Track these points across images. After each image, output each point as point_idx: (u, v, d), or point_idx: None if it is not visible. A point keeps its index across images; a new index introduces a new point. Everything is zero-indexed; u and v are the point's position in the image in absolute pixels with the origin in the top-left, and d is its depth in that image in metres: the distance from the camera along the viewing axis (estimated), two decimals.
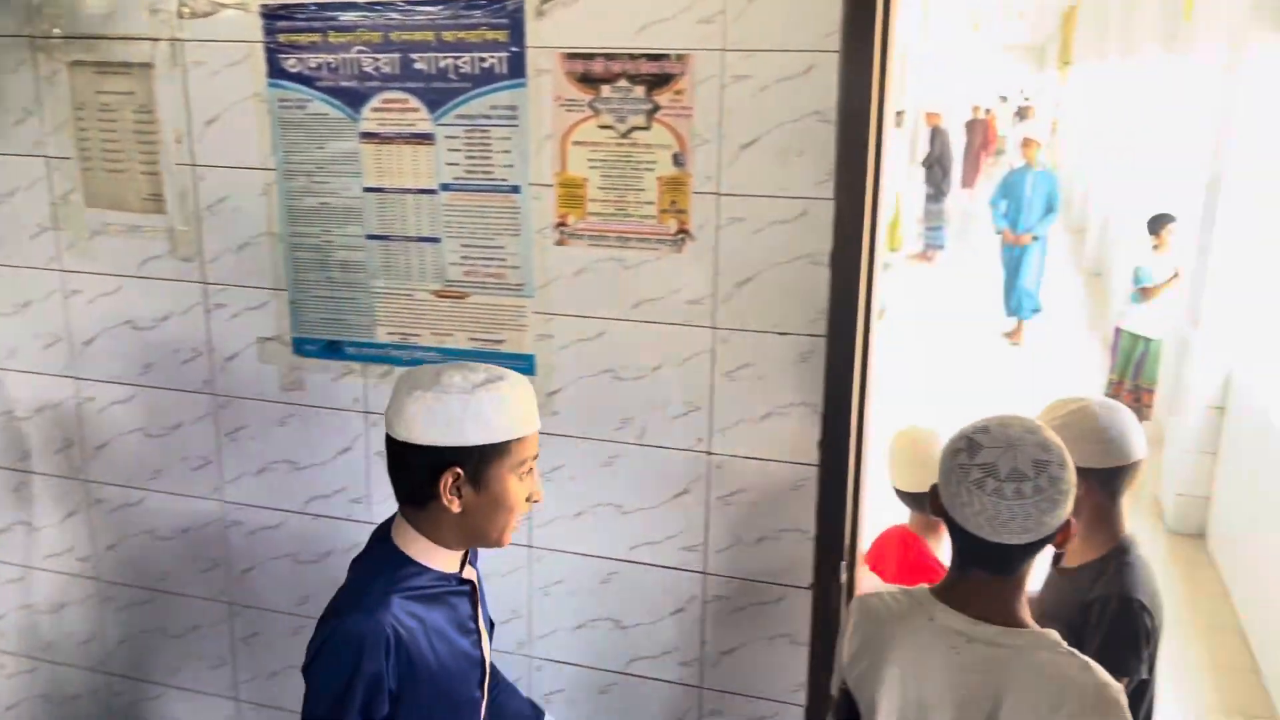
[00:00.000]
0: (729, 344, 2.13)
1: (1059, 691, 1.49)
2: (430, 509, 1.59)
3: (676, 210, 2.09)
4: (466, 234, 2.22)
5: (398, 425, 1.56)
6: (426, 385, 1.55)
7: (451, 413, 1.52)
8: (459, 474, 1.54)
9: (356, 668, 1.52)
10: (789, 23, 1.95)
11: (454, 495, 1.56)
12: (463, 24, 2.10)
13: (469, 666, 1.68)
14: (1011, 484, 1.48)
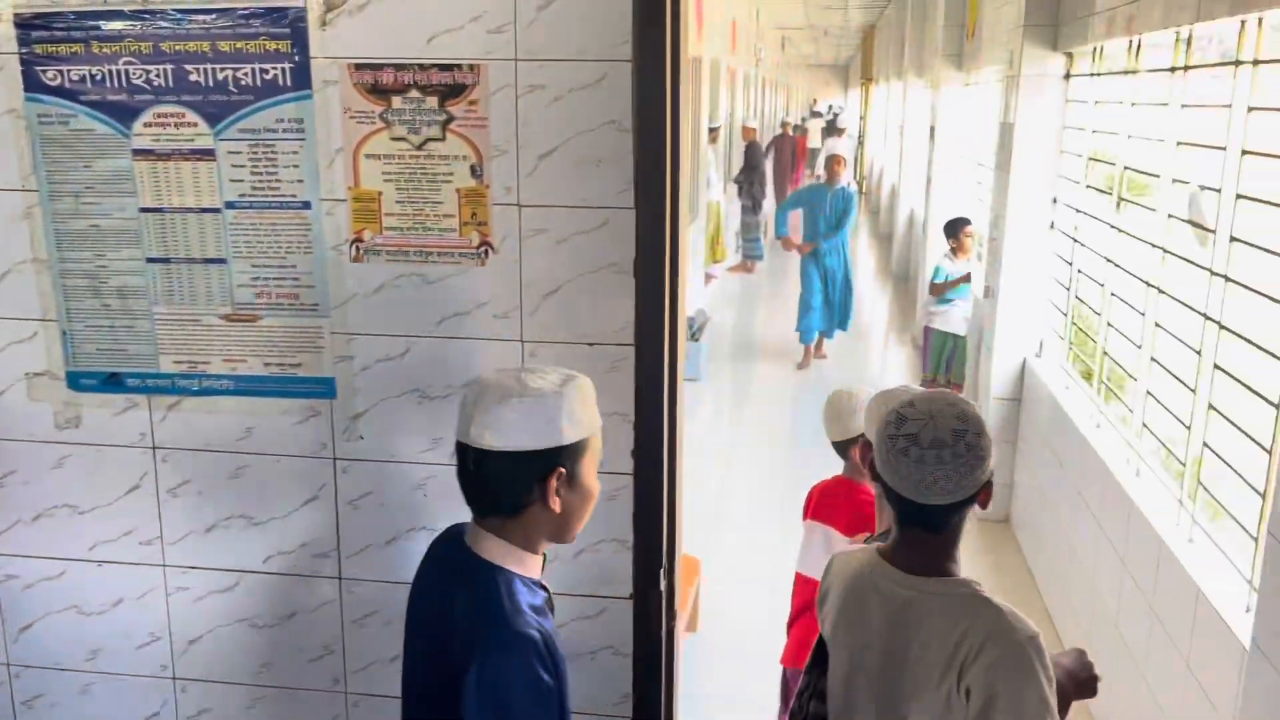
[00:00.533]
0: (538, 357, 2.10)
1: (962, 626, 1.64)
2: (526, 515, 1.58)
3: (477, 223, 2.05)
4: (256, 253, 2.11)
5: (493, 436, 1.54)
6: (516, 391, 1.54)
7: (550, 413, 1.53)
8: (562, 473, 1.56)
9: (539, 690, 1.49)
10: (580, 32, 1.95)
11: (557, 496, 1.56)
12: (241, 34, 2.00)
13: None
14: (933, 451, 1.64)
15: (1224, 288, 3.39)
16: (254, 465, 2.22)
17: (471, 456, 1.57)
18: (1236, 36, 3.36)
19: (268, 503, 2.23)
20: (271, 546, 2.25)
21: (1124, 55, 4.60)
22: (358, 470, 2.19)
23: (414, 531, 2.20)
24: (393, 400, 2.15)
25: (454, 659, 1.51)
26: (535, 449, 1.54)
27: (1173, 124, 3.95)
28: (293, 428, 2.19)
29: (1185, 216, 3.73)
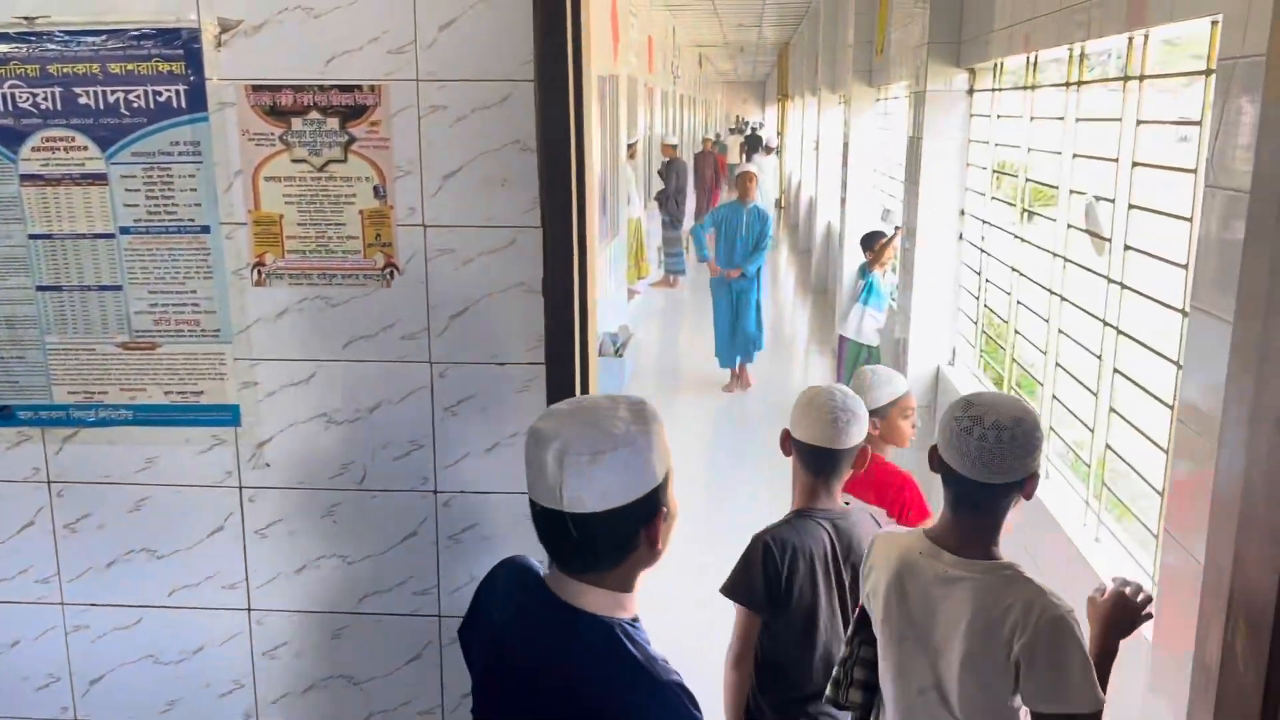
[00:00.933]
0: (447, 378, 2.08)
1: (1006, 602, 1.85)
2: (629, 561, 1.45)
3: (382, 244, 2.03)
4: (154, 279, 2.05)
5: (593, 500, 1.38)
6: (606, 445, 1.38)
7: (643, 456, 1.40)
8: (665, 511, 1.45)
9: None
10: (482, 52, 1.95)
11: (658, 533, 1.45)
12: (132, 55, 1.95)
13: None
14: (994, 431, 1.86)
15: (1120, 294, 3.52)
16: (156, 497, 2.15)
17: (570, 523, 1.39)
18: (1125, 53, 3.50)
19: (171, 535, 2.17)
20: (176, 580, 2.19)
21: (1023, 71, 4.75)
22: (265, 498, 2.14)
23: (324, 559, 2.16)
24: (300, 426, 2.11)
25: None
26: (637, 498, 1.40)
27: (1069, 137, 4.09)
28: (196, 457, 2.14)
29: (1083, 226, 3.86)
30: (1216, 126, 2.18)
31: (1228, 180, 2.13)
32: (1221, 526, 1.94)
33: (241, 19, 1.95)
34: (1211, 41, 2.82)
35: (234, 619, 2.20)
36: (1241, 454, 1.86)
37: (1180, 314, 2.96)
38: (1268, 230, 1.80)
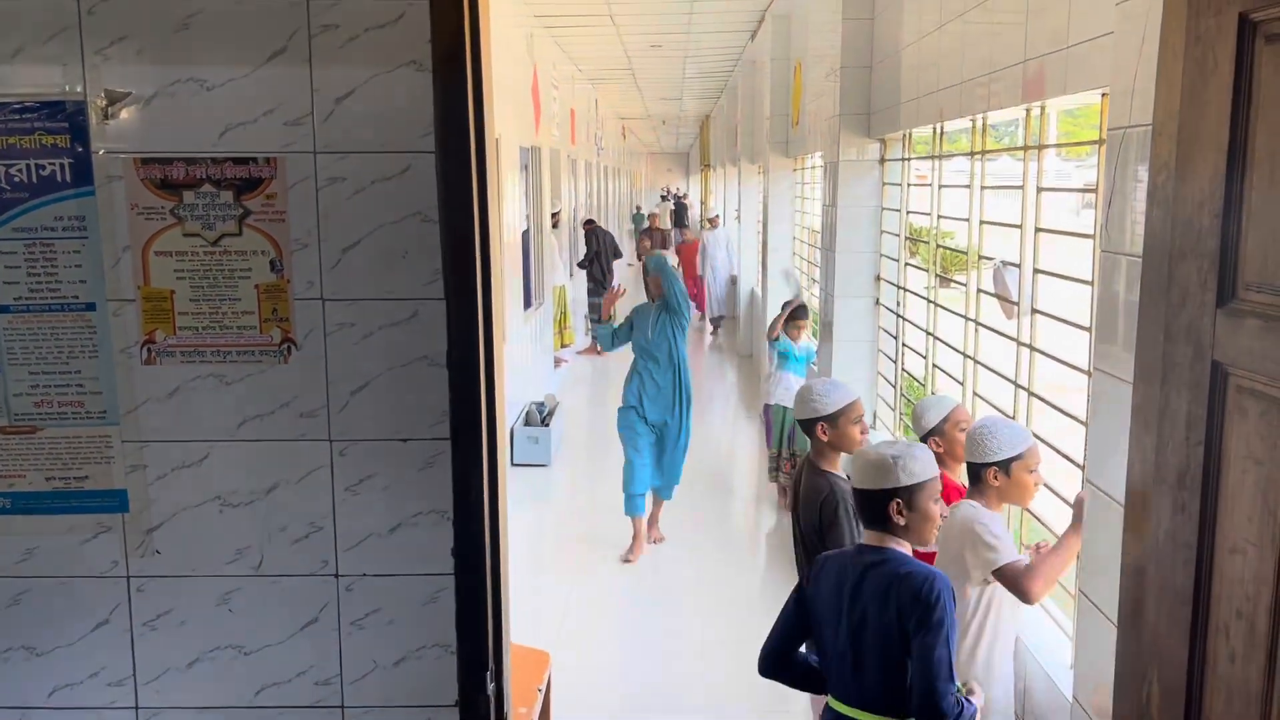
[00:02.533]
0: (348, 456, 2.01)
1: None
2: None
3: (279, 319, 1.96)
4: (34, 359, 1.96)
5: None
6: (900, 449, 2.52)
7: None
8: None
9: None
10: (381, 124, 1.92)
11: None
12: (13, 129, 1.88)
13: None
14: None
15: (1031, 357, 3.58)
16: (35, 590, 2.03)
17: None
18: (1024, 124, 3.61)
19: (52, 630, 2.04)
20: (57, 678, 2.05)
21: (931, 140, 4.89)
22: (154, 588, 2.03)
23: (219, 651, 2.04)
24: (192, 510, 2.01)
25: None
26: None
27: (976, 204, 4.20)
28: (80, 546, 2.02)
29: (991, 291, 3.94)
30: (1109, 194, 2.24)
31: (1121, 245, 2.18)
32: (1132, 587, 1.95)
33: (131, 91, 1.90)
34: (1103, 112, 2.93)
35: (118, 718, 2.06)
36: (1148, 515, 1.88)
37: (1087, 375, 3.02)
38: (1159, 293, 1.84)
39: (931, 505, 2.51)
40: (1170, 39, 1.83)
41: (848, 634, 2.45)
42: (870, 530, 2.53)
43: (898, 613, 2.36)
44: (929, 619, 2.32)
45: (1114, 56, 2.25)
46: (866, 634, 2.41)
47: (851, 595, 2.45)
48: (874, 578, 2.42)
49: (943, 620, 2.32)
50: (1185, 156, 1.77)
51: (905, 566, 2.42)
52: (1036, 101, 3.38)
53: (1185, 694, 1.77)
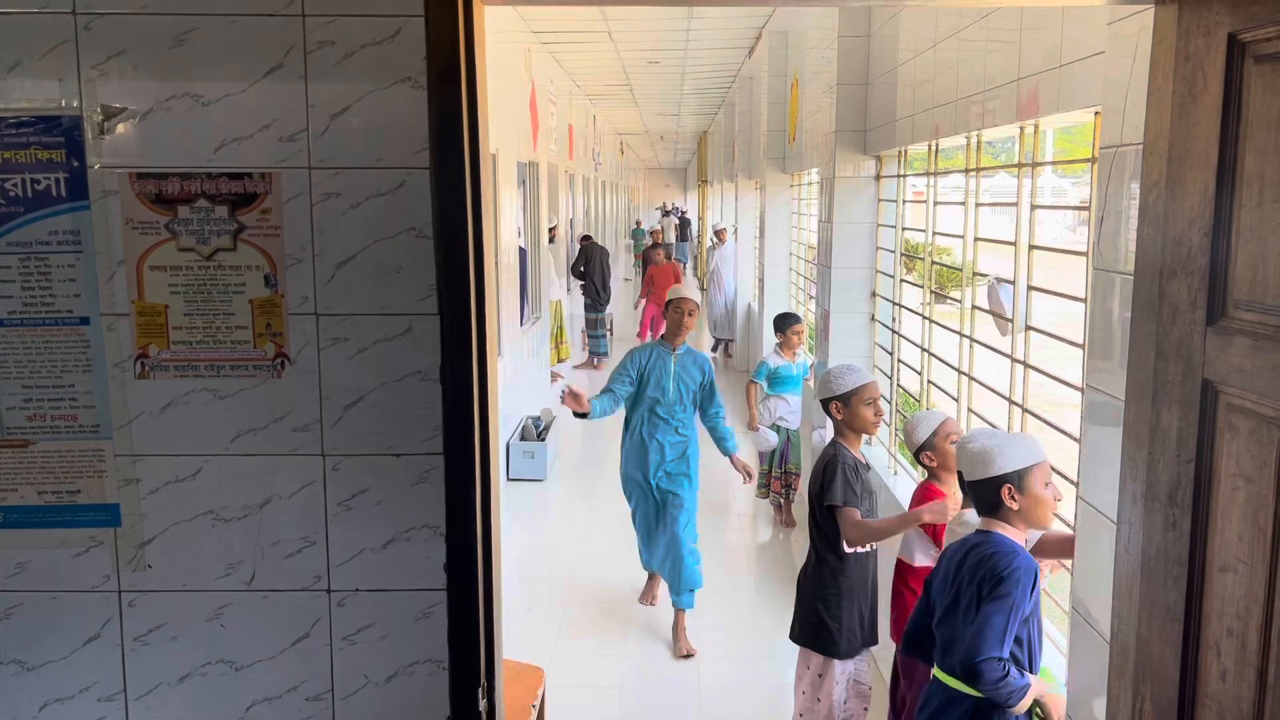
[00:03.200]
0: (341, 470, 2.01)
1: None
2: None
3: (272, 334, 1.97)
4: (28, 374, 1.96)
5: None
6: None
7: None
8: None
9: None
10: (376, 140, 1.93)
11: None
12: (10, 143, 1.89)
13: None
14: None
15: (1025, 374, 3.59)
16: (27, 604, 2.02)
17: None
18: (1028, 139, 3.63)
19: (43, 645, 2.03)
20: (48, 693, 2.05)
21: (927, 157, 4.91)
22: (146, 602, 2.02)
23: (210, 666, 2.04)
24: (184, 524, 2.01)
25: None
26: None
27: (971, 221, 4.21)
28: (71, 560, 2.02)
29: (986, 307, 3.95)
30: (1101, 212, 2.25)
31: (1114, 263, 2.19)
32: (1123, 604, 1.95)
33: (126, 106, 1.90)
34: (1095, 131, 2.94)
35: None
36: (1138, 531, 1.88)
37: (1080, 392, 3.02)
38: (1150, 311, 1.85)
39: (1042, 489, 2.72)
40: (1160, 58, 1.84)
41: (948, 610, 2.70)
42: (983, 517, 2.77)
43: (979, 584, 2.61)
44: (998, 588, 2.57)
45: (1105, 75, 2.26)
46: (958, 611, 2.65)
47: (955, 572, 2.71)
48: (973, 556, 2.68)
49: (1010, 593, 2.56)
50: (1175, 175, 1.78)
51: (998, 546, 2.66)
52: (1030, 120, 3.40)
53: (1177, 711, 1.77)
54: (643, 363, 5.06)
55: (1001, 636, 2.54)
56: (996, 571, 2.58)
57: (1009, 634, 2.56)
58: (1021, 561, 2.61)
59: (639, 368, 5.04)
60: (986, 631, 2.54)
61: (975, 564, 2.66)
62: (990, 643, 2.53)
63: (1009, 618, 2.55)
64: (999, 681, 2.54)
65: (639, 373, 5.04)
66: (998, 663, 2.53)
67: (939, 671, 2.76)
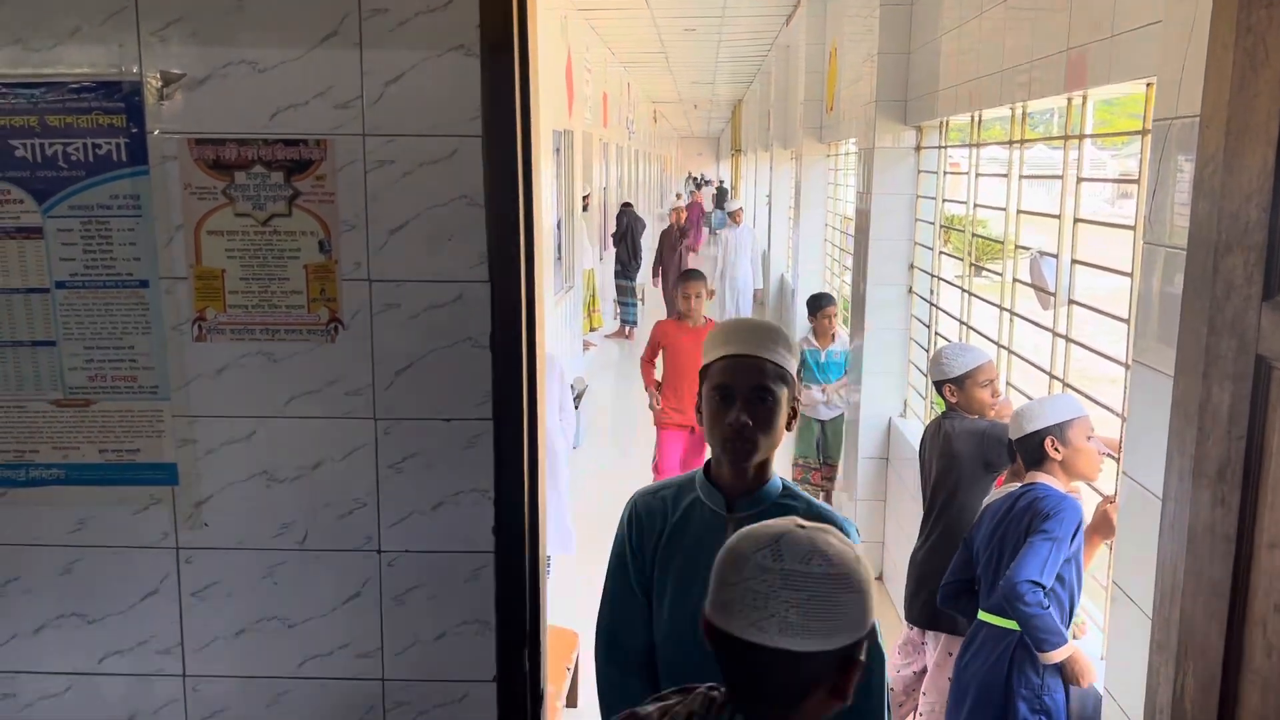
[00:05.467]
0: (392, 434, 2.04)
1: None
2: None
3: (326, 299, 2.00)
4: (89, 335, 2.00)
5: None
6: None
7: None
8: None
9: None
10: (429, 108, 1.94)
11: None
12: (71, 108, 1.92)
13: None
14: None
15: (1066, 348, 3.57)
16: (88, 559, 2.08)
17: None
18: (1065, 112, 3.59)
19: (104, 599, 2.10)
20: (108, 645, 2.11)
21: (969, 128, 4.86)
22: (202, 559, 2.08)
23: (264, 622, 2.09)
24: (240, 484, 2.06)
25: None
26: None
27: (1013, 193, 4.17)
28: (131, 517, 2.07)
29: (1027, 280, 3.92)
30: (1153, 185, 2.23)
31: (1165, 237, 2.17)
32: (1167, 580, 1.95)
33: (185, 72, 1.93)
34: (1147, 102, 2.90)
35: (168, 686, 2.12)
36: (1185, 508, 1.88)
37: (1124, 368, 3.00)
38: (1204, 286, 1.84)
39: (1084, 441, 2.89)
40: (1220, 30, 1.82)
41: (995, 554, 2.88)
42: (1029, 471, 2.93)
43: (1027, 526, 2.77)
44: (1044, 525, 2.74)
45: (1161, 46, 2.23)
46: (1006, 551, 2.83)
47: (1000, 521, 2.90)
48: (1020, 503, 2.85)
49: (1054, 530, 2.72)
50: (1233, 149, 1.76)
51: (1045, 492, 2.84)
52: (1078, 91, 3.35)
53: (1220, 686, 1.78)
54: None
55: (1043, 565, 2.68)
56: (1044, 510, 2.76)
57: (1051, 565, 2.71)
58: (1069, 504, 2.77)
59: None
60: (1031, 557, 2.70)
61: (1023, 509, 2.81)
62: (1033, 567, 2.68)
63: (1053, 550, 2.71)
64: (1037, 608, 2.67)
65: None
66: (1039, 588, 2.66)
67: (983, 612, 2.92)
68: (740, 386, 1.89)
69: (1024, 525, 2.82)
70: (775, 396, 1.89)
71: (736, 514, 1.92)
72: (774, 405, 1.89)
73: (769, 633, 1.26)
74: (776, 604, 1.26)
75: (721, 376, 1.91)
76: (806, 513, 1.79)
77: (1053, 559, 2.72)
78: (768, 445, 1.91)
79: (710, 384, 1.93)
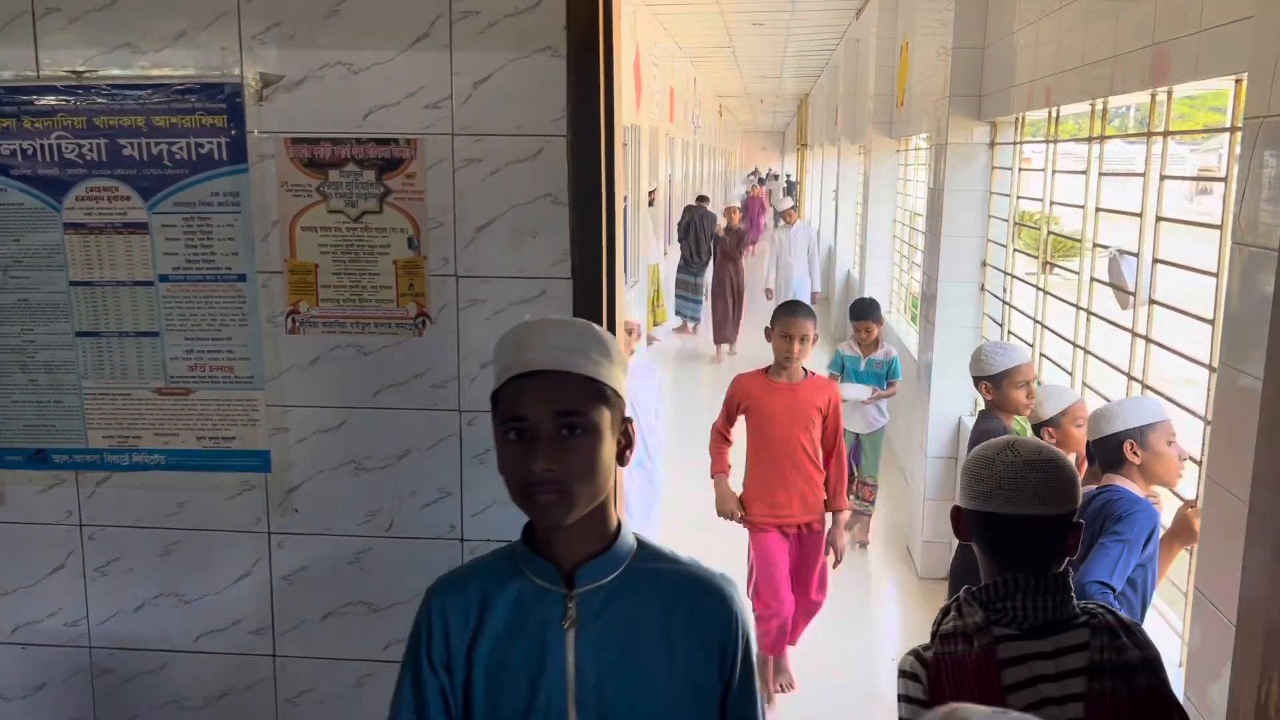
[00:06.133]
0: (476, 426, 2.10)
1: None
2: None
3: (414, 294, 2.06)
4: (189, 326, 2.09)
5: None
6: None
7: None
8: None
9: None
10: (516, 108, 1.99)
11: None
12: (176, 109, 2.00)
13: None
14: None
15: (1146, 349, 3.51)
16: (185, 541, 2.17)
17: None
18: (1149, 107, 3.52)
19: (200, 580, 2.18)
20: (203, 625, 2.20)
21: (1045, 124, 4.78)
22: (293, 544, 2.15)
23: (350, 606, 2.16)
24: (329, 472, 2.13)
25: None
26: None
27: (1092, 191, 4.10)
28: (226, 502, 2.15)
29: (1106, 280, 3.86)
30: (1243, 184, 2.19)
31: (1254, 237, 2.13)
32: (1253, 587, 1.92)
33: (283, 74, 2.00)
34: (1237, 99, 2.84)
35: (259, 665, 2.20)
36: (1273, 513, 1.85)
37: (1208, 370, 2.95)
38: None
39: (1164, 445, 2.81)
40: None
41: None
42: (1106, 473, 2.85)
43: (1100, 528, 2.70)
44: (1116, 525, 2.66)
45: (1253, 41, 2.19)
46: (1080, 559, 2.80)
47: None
48: (1093, 505, 2.74)
49: (1125, 532, 2.65)
50: None
51: (1119, 494, 2.76)
52: (1163, 87, 3.29)
53: None
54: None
55: (1113, 567, 2.61)
56: (1116, 512, 2.69)
57: (1121, 567, 2.64)
58: (1143, 506, 2.70)
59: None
60: (1101, 558, 2.62)
61: (1095, 511, 2.73)
62: (1102, 568, 2.61)
63: (1124, 551, 2.64)
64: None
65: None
66: (1108, 589, 2.59)
67: None
68: (538, 418, 1.39)
69: (1096, 528, 2.72)
70: (591, 425, 1.41)
71: (581, 588, 1.47)
72: (591, 437, 1.41)
73: (1026, 505, 1.77)
74: (1026, 484, 1.77)
75: (512, 407, 1.41)
76: (676, 574, 1.52)
77: (1124, 561, 2.64)
78: (588, 494, 1.42)
79: (499, 416, 1.44)
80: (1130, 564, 2.66)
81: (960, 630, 1.82)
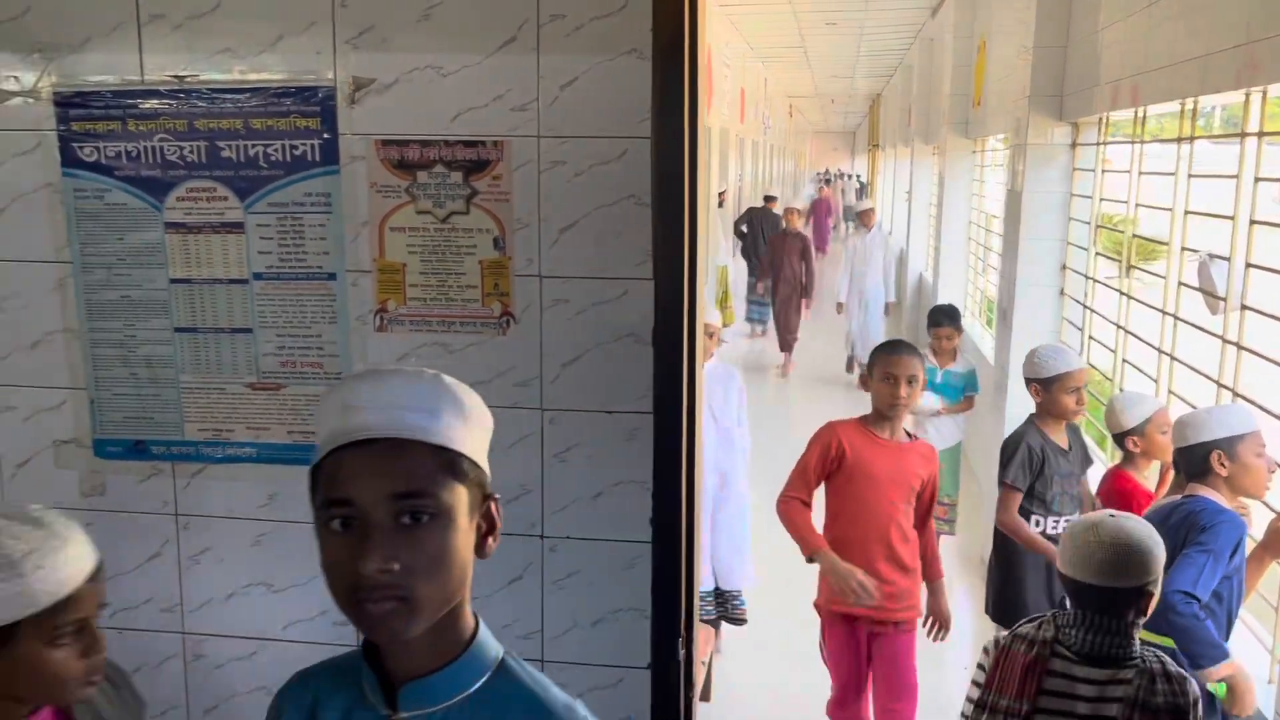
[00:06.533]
0: (557, 425, 2.12)
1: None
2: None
3: (499, 293, 2.09)
4: (281, 323, 2.15)
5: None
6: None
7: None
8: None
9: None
10: (601, 110, 2.01)
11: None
12: (272, 112, 2.06)
13: None
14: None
15: (1238, 355, 3.41)
16: (275, 532, 2.23)
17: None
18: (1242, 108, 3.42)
19: (288, 570, 2.24)
20: (291, 614, 2.26)
21: (1130, 125, 4.67)
22: None
23: None
24: None
25: None
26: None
27: (1180, 192, 4.00)
28: None
29: (1195, 284, 3.76)
30: None
31: None
32: None
33: (375, 78, 2.05)
34: None
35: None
36: None
37: None
38: None
39: (1254, 457, 2.74)
40: None
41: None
42: (1191, 483, 2.79)
43: (1183, 539, 2.65)
44: (1201, 535, 2.63)
45: None
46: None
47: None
48: (1177, 514, 2.72)
49: (1209, 543, 2.61)
50: None
51: (1203, 504, 2.70)
52: (1257, 87, 3.20)
53: None
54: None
55: (1197, 577, 2.58)
56: (1201, 523, 2.64)
57: (1206, 578, 2.59)
58: (1228, 517, 2.65)
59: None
60: (1186, 568, 2.59)
61: (1180, 521, 2.69)
62: (1186, 578, 2.57)
63: (1209, 562, 2.60)
64: (1191, 619, 2.55)
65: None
66: (1193, 600, 2.55)
67: (1149, 633, 2.81)
68: (370, 503, 1.07)
69: (1180, 538, 2.66)
70: (440, 508, 1.10)
71: (406, 714, 1.17)
72: (440, 525, 1.11)
73: (1097, 578, 2.08)
74: (1100, 562, 2.07)
75: (335, 487, 1.09)
76: (522, 702, 1.22)
77: (1208, 572, 2.59)
78: (438, 600, 1.14)
79: (318, 500, 1.11)
80: (1216, 575, 2.60)
81: (1030, 636, 2.16)
